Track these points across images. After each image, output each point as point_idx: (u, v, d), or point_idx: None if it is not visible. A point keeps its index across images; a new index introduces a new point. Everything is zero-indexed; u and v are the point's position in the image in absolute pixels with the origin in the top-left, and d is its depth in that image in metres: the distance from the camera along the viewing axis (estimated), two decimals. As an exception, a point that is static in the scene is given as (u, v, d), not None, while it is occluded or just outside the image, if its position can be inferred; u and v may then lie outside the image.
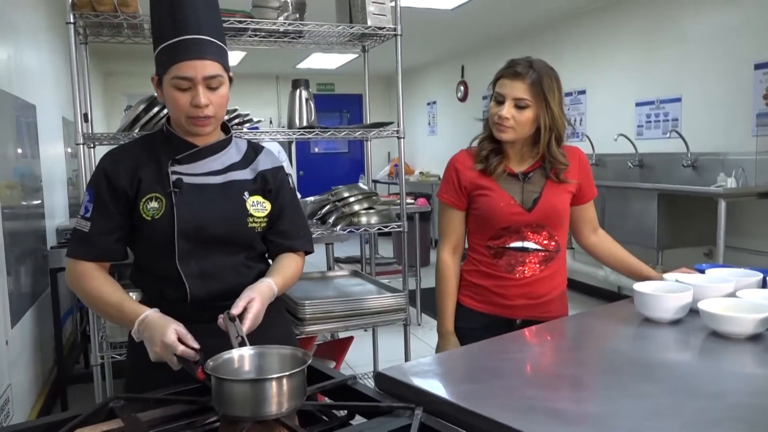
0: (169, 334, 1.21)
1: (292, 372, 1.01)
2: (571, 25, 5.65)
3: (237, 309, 1.26)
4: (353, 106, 9.61)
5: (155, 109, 2.29)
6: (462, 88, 7.68)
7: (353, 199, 2.69)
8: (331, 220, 2.66)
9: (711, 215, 3.63)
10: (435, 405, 1.04)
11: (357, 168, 9.43)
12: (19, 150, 3.12)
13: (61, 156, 4.50)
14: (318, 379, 1.19)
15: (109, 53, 6.61)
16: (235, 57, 6.89)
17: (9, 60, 3.07)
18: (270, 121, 8.76)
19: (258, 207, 1.46)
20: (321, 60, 7.66)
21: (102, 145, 2.30)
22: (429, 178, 8.02)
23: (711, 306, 1.36)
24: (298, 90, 2.75)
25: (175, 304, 1.38)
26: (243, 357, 1.12)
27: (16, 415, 2.67)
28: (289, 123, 2.78)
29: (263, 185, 1.49)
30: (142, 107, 2.32)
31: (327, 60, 7.67)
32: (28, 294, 3.09)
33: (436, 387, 1.13)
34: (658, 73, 4.73)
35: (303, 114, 2.73)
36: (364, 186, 2.92)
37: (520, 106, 1.69)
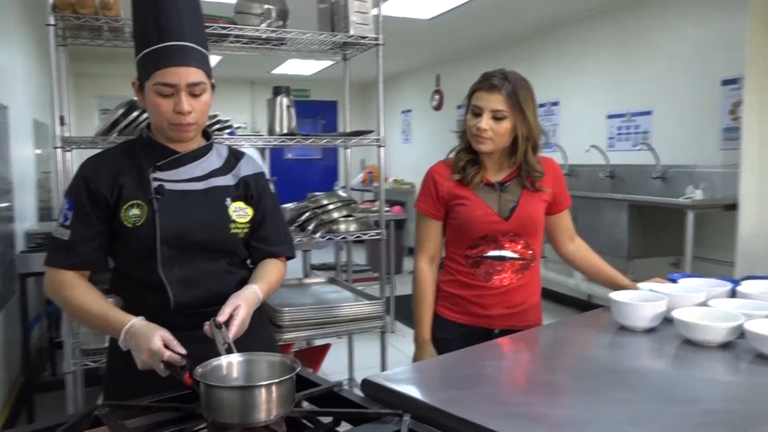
0: (155, 340, 1.21)
1: (282, 379, 1.01)
2: (546, 38, 5.75)
3: (223, 316, 1.26)
4: (328, 112, 9.59)
5: (134, 113, 2.27)
6: (437, 97, 7.74)
7: (332, 207, 2.70)
8: (311, 227, 2.66)
9: (679, 226, 3.73)
10: (421, 411, 1.05)
11: (331, 174, 9.41)
12: (-10, 152, 3.06)
13: (31, 158, 4.40)
14: (304, 386, 1.19)
15: (82, 55, 6.49)
16: (211, 61, 6.82)
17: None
18: (245, 126, 8.69)
19: (240, 213, 1.46)
20: (297, 66, 7.64)
21: (79, 149, 2.27)
22: (403, 185, 8.04)
23: (684, 315, 1.40)
24: (279, 97, 2.75)
25: (158, 310, 1.37)
26: (232, 364, 1.13)
27: (-19, 424, 2.61)
28: (270, 129, 2.78)
29: (245, 191, 1.49)
30: (121, 111, 2.30)
31: (302, 66, 7.65)
32: (-5, 299, 3.02)
33: (421, 393, 1.15)
34: (630, 87, 4.85)
35: (284, 121, 2.73)
36: (342, 194, 2.94)
37: (497, 117, 1.72)
